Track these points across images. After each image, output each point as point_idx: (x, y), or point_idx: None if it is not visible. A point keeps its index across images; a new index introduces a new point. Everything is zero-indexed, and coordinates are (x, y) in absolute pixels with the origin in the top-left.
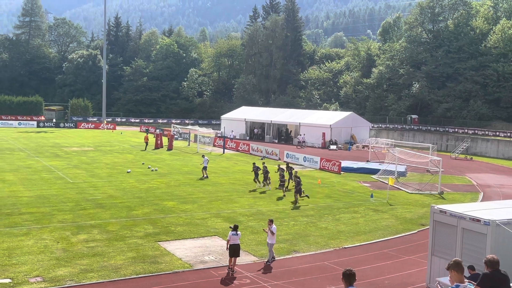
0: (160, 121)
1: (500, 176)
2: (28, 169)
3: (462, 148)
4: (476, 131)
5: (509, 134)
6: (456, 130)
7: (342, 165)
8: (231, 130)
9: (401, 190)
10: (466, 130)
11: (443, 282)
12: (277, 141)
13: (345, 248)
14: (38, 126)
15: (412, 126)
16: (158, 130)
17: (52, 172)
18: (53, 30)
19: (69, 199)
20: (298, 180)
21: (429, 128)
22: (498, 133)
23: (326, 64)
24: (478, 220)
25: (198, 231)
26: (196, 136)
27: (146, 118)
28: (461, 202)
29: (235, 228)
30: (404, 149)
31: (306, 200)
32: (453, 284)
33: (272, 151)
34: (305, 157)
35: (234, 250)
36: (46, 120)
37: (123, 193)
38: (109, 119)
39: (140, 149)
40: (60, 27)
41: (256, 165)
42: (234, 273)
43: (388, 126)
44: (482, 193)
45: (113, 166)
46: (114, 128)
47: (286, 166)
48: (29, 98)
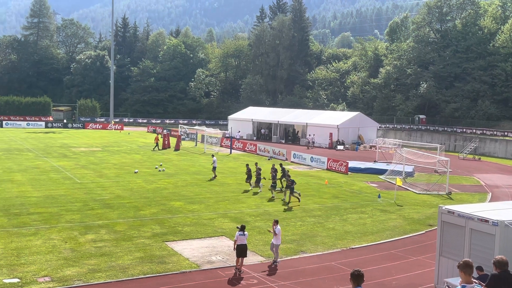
0: (167, 121)
1: (508, 176)
2: (36, 169)
3: (470, 148)
4: (484, 131)
5: None
6: (464, 130)
7: (350, 165)
8: (238, 131)
9: (408, 190)
10: (474, 130)
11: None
12: (284, 141)
13: (352, 248)
14: (46, 127)
15: (419, 126)
16: (165, 131)
17: (60, 172)
18: (61, 31)
19: (77, 199)
20: (291, 180)
21: (437, 128)
22: (506, 133)
23: (333, 64)
24: (487, 220)
25: (205, 231)
26: (203, 136)
27: (153, 119)
28: (469, 202)
29: (242, 228)
30: (411, 149)
31: (295, 201)
32: (460, 284)
33: (279, 151)
34: (312, 157)
35: (241, 250)
36: (54, 120)
37: (131, 193)
38: (116, 120)
39: (149, 149)
40: (68, 28)
41: (249, 166)
42: (241, 273)
43: (395, 126)
44: (491, 193)
45: (120, 167)
46: (122, 128)
47: (280, 166)
48: (37, 99)
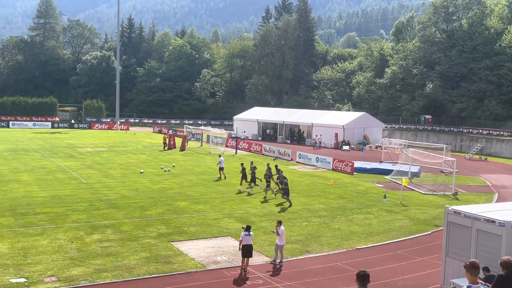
0: (172, 121)
1: None
2: (42, 169)
3: (477, 148)
4: (490, 131)
5: None
6: (470, 130)
7: (355, 165)
8: (243, 131)
9: (414, 191)
10: (480, 131)
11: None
12: (289, 141)
13: (358, 249)
14: (53, 127)
15: (425, 127)
16: (170, 131)
17: (66, 172)
18: (67, 31)
19: (83, 199)
20: (286, 181)
21: (443, 128)
22: None
23: (339, 64)
24: (493, 221)
25: (210, 232)
26: (208, 136)
27: (159, 119)
28: (475, 203)
29: (248, 228)
30: (417, 149)
31: (287, 203)
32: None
33: (284, 152)
34: (317, 157)
35: (246, 251)
36: (60, 121)
37: (136, 193)
38: (122, 120)
39: (155, 149)
40: (74, 29)
41: (243, 165)
42: (246, 273)
43: (401, 126)
44: (497, 194)
45: (126, 167)
46: (128, 128)
47: (275, 167)
48: (43, 99)
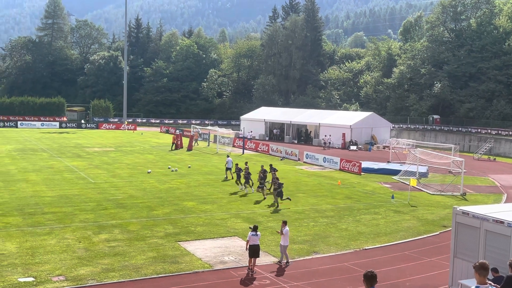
0: (180, 121)
1: None
2: (50, 169)
3: (485, 148)
4: (499, 132)
5: None
6: (479, 130)
7: (363, 165)
8: (250, 131)
9: (422, 191)
10: (489, 131)
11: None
12: (296, 141)
13: (365, 249)
14: (61, 127)
15: (433, 127)
16: (177, 131)
17: (74, 172)
18: (75, 32)
19: (90, 199)
20: (279, 182)
21: (451, 128)
22: None
23: (346, 64)
24: (502, 222)
25: (217, 232)
26: (215, 136)
27: (166, 119)
28: (484, 203)
29: (255, 228)
30: (425, 149)
31: (288, 203)
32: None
33: (291, 152)
34: (324, 157)
35: (253, 251)
36: (68, 121)
37: (144, 193)
38: (129, 120)
39: (162, 149)
40: (82, 29)
41: (238, 166)
42: (253, 273)
43: (409, 126)
44: (506, 194)
45: (133, 167)
46: (135, 128)
47: (270, 167)
48: (51, 99)
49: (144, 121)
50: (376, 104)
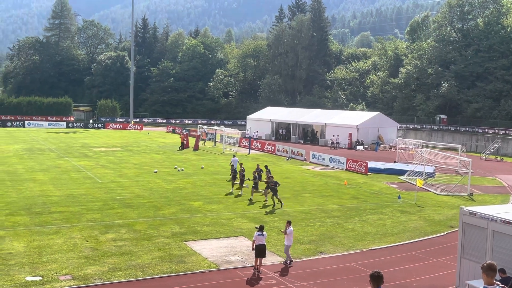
0: (186, 121)
1: None
2: (57, 169)
3: (493, 148)
4: (507, 132)
5: None
6: (486, 130)
7: (369, 166)
8: (256, 131)
9: (429, 191)
10: (496, 131)
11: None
12: (302, 141)
13: (372, 249)
14: (68, 127)
15: (440, 127)
16: (184, 131)
17: (81, 172)
18: (82, 32)
19: (97, 199)
20: (275, 181)
21: (458, 128)
22: None
23: (353, 64)
24: (510, 222)
25: (224, 231)
26: (222, 136)
27: (172, 119)
28: (491, 204)
29: (261, 228)
30: (432, 149)
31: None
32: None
33: (297, 152)
34: (331, 157)
35: (260, 251)
36: (75, 120)
37: (150, 193)
38: (136, 120)
39: (168, 149)
40: (88, 29)
41: (234, 167)
42: (260, 273)
43: (416, 126)
44: None
45: (140, 166)
46: (141, 128)
47: (265, 167)
48: (58, 99)
49: (150, 121)
50: (382, 104)
